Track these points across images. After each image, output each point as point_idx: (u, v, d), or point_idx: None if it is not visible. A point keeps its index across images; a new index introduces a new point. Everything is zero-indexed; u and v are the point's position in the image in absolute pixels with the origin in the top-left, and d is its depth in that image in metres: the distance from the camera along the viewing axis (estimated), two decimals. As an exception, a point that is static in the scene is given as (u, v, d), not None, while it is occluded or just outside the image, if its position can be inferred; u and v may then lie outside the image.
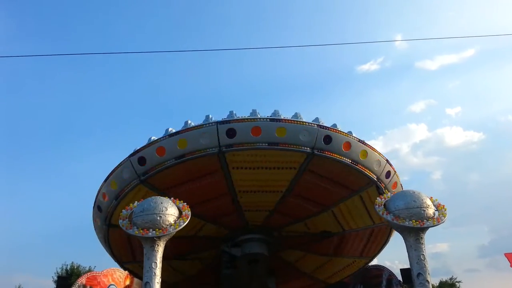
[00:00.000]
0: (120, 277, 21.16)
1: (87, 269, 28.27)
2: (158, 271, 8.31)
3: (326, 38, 76.69)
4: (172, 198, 9.18)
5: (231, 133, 9.99)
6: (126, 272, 21.55)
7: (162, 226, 8.50)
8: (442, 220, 8.95)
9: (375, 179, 10.70)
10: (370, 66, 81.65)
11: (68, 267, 28.41)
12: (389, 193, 9.83)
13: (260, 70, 79.65)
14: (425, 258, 8.59)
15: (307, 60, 79.51)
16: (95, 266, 28.43)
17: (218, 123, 10.15)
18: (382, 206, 9.32)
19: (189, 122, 10.58)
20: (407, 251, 8.80)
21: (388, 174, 10.86)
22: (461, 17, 70.52)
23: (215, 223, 12.89)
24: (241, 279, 12.87)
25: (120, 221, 8.83)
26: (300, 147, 10.18)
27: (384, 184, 10.88)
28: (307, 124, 10.27)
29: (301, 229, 13.01)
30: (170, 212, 8.76)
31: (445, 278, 38.24)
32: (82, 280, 19.11)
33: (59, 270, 28.22)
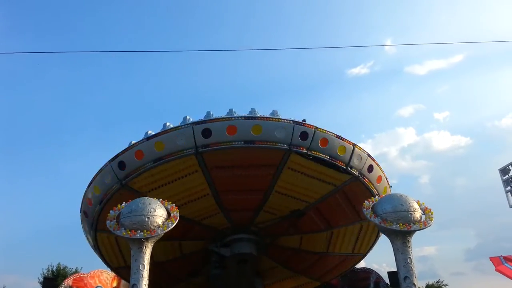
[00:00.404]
0: (107, 279, 21.00)
1: (73, 270, 27.92)
2: (145, 273, 8.24)
3: (318, 41, 77.03)
4: (161, 199, 9.12)
5: (207, 133, 9.97)
6: (113, 273, 21.41)
7: (150, 228, 8.43)
8: (429, 223, 9.03)
9: (356, 174, 10.53)
10: (360, 70, 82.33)
11: (55, 268, 28.02)
12: (377, 196, 9.89)
13: (252, 72, 79.81)
14: (412, 261, 8.65)
15: (298, 63, 79.84)
16: (81, 267, 28.11)
17: (194, 124, 10.13)
18: (370, 209, 9.38)
19: (168, 124, 10.57)
20: (394, 254, 8.85)
21: (370, 168, 10.72)
22: (450, 23, 71.51)
23: (186, 239, 12.87)
24: (229, 279, 12.80)
25: (108, 222, 8.74)
26: (276, 144, 10.14)
27: (367, 179, 10.74)
28: (283, 121, 10.19)
29: (270, 217, 12.69)
30: (159, 213, 8.69)
31: (431, 281, 38.60)
32: (69, 281, 18.98)
33: (45, 271, 27.85)
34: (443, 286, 37.44)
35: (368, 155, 11.24)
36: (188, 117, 10.47)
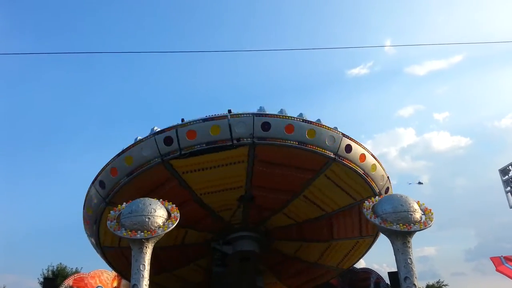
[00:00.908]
0: (108, 279, 21.02)
1: (73, 270, 27.94)
2: (146, 273, 8.25)
3: (317, 42, 77.09)
4: (161, 200, 9.13)
5: (266, 126, 10.23)
6: (114, 273, 21.42)
7: (151, 228, 8.44)
8: (429, 224, 9.04)
9: (332, 156, 10.64)
10: (360, 70, 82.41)
11: (55, 268, 28.04)
12: (377, 197, 9.91)
13: (252, 73, 79.86)
14: (412, 262, 8.66)
15: (298, 64, 79.89)
16: (81, 267, 28.13)
17: (155, 134, 10.28)
18: (370, 209, 9.39)
19: (138, 137, 10.62)
20: (395, 255, 8.87)
21: (348, 148, 10.81)
22: (450, 23, 71.53)
23: (195, 228, 12.87)
24: (231, 277, 12.79)
25: (108, 222, 8.75)
26: (325, 151, 10.54)
27: (347, 159, 10.84)
28: (242, 116, 10.37)
29: (284, 219, 12.89)
30: (159, 214, 8.71)
31: (432, 281, 38.62)
32: (69, 281, 19.00)
33: (45, 271, 27.86)
34: (443, 286, 37.50)
35: (388, 178, 11.94)
36: (155, 128, 10.46)
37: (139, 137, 10.67)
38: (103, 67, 76.89)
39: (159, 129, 10.41)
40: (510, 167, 17.27)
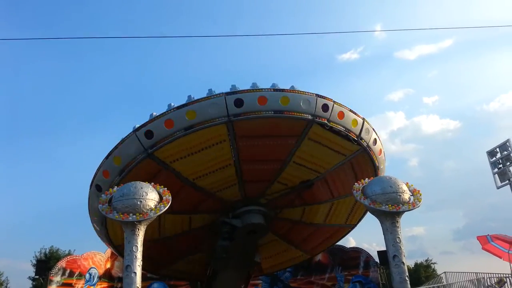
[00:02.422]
0: (101, 260, 21.19)
1: (66, 252, 28.12)
2: (139, 255, 8.35)
3: (308, 27, 76.45)
4: (153, 183, 9.18)
5: (239, 103, 10.30)
6: (107, 255, 21.61)
7: (143, 211, 8.50)
8: (417, 204, 9.21)
9: (310, 118, 10.75)
10: (351, 55, 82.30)
11: (47, 251, 28.19)
12: (366, 179, 10.04)
13: (241, 58, 79.26)
14: (400, 241, 8.85)
15: (288, 49, 79.36)
16: (74, 250, 28.33)
17: (226, 94, 10.41)
18: (360, 191, 9.54)
19: (153, 114, 10.66)
20: (384, 234, 9.04)
21: (325, 107, 10.87)
22: (440, 8, 71.29)
23: (198, 212, 13.09)
24: (234, 251, 12.94)
25: (100, 205, 8.78)
26: (302, 114, 10.65)
27: (325, 118, 10.90)
28: (307, 93, 10.71)
29: (281, 187, 13.00)
30: (151, 197, 8.76)
31: (421, 260, 39.60)
32: (62, 263, 19.12)
33: (37, 254, 28.01)
34: (431, 265, 38.52)
35: (373, 129, 11.98)
36: (172, 104, 10.63)
37: (137, 125, 10.74)
38: (96, 53, 75.74)
39: (175, 105, 10.55)
40: (497, 149, 17.48)
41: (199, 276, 15.77)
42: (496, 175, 17.37)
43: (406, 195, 9.20)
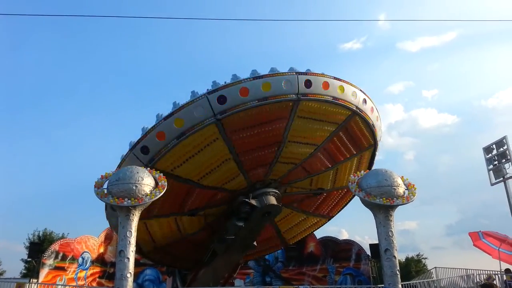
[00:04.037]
0: (94, 245, 21.22)
1: (60, 235, 28.11)
2: (132, 240, 8.38)
3: (311, 14, 75.95)
4: (148, 169, 9.18)
5: (222, 99, 10.45)
6: (100, 239, 21.64)
7: (138, 196, 8.51)
8: (412, 199, 9.27)
9: (294, 97, 11.03)
10: (353, 45, 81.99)
11: (41, 233, 28.16)
12: (362, 171, 10.08)
13: (243, 45, 78.76)
14: (393, 235, 8.93)
15: (290, 36, 78.93)
16: (68, 233, 28.32)
17: (207, 93, 10.58)
18: (355, 183, 9.57)
19: (177, 102, 10.79)
20: (376, 227, 9.12)
21: (308, 83, 11.17)
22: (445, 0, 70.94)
23: (211, 207, 13.33)
24: (241, 233, 13.06)
25: (95, 189, 8.78)
26: (286, 96, 10.85)
27: (311, 93, 11.23)
28: (287, 74, 10.89)
29: (284, 166, 13.27)
30: (146, 182, 8.76)
31: (412, 254, 39.91)
32: (55, 246, 19.11)
33: (30, 236, 27.98)
34: (422, 259, 38.84)
35: (361, 90, 12.12)
36: (196, 91, 10.82)
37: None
38: (98, 31, 75.05)
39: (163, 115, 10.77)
40: (493, 145, 17.49)
41: (190, 263, 15.86)
42: (491, 172, 17.39)
43: (401, 189, 9.25)
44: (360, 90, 12.13)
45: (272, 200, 12.98)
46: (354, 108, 11.86)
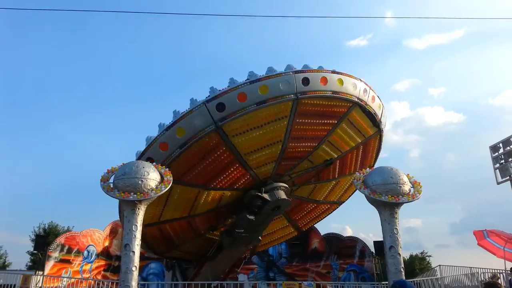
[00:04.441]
0: (99, 238, 21.31)
1: (65, 229, 28.28)
2: (138, 234, 8.44)
3: (318, 11, 75.57)
4: (154, 163, 9.19)
5: (220, 107, 10.53)
6: (106, 233, 21.75)
7: (144, 190, 8.55)
8: (417, 196, 9.25)
9: (293, 97, 11.02)
10: (359, 42, 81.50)
11: (46, 226, 28.35)
12: (368, 168, 10.06)
13: (248, 41, 78.53)
14: (398, 232, 8.93)
15: (297, 32, 78.62)
16: (73, 226, 28.48)
17: (205, 102, 10.63)
18: (361, 180, 9.56)
19: (178, 111, 10.87)
20: (381, 225, 9.12)
21: (305, 81, 11.16)
22: (452, -4, 70.27)
23: (232, 189, 13.34)
24: (250, 226, 13.16)
25: (101, 183, 8.84)
26: (285, 96, 10.84)
27: (310, 91, 11.22)
28: (283, 74, 10.87)
29: (306, 165, 13.46)
30: (152, 177, 8.80)
31: (416, 252, 39.87)
32: (61, 239, 19.21)
33: (36, 229, 28.18)
34: (427, 257, 38.79)
35: (360, 80, 12.07)
36: (195, 99, 10.88)
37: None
38: (97, 28, 75.16)
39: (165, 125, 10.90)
40: (500, 144, 17.37)
41: (195, 256, 15.93)
42: (497, 171, 17.30)
43: (407, 187, 9.25)
44: (360, 80, 12.08)
45: (283, 195, 13.05)
46: (355, 100, 11.83)
